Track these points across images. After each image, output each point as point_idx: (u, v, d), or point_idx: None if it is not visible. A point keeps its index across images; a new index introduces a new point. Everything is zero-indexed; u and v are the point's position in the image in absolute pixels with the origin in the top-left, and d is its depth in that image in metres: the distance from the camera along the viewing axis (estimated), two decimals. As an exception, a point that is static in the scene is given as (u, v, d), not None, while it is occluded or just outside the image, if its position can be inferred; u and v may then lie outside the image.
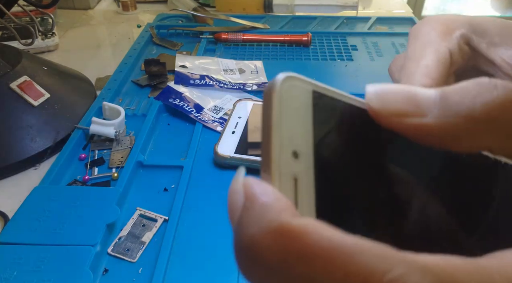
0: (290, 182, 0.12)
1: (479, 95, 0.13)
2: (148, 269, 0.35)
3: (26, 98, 0.49)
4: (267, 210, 0.11)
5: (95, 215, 0.37)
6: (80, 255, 0.34)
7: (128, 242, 0.37)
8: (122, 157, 0.46)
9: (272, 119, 0.12)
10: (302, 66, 0.66)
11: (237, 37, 0.73)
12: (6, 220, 0.39)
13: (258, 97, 0.57)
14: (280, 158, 0.12)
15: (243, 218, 0.11)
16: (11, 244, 0.35)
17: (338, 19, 0.83)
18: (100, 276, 0.34)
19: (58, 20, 0.85)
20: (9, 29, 0.55)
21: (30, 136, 0.47)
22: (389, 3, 0.97)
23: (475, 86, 0.13)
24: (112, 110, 0.52)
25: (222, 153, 0.45)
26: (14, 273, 0.33)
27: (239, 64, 0.65)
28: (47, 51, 0.73)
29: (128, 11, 0.90)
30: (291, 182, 0.12)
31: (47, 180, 0.42)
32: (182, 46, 0.72)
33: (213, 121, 0.52)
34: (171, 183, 0.43)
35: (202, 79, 0.59)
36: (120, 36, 0.80)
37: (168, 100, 0.54)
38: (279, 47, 0.72)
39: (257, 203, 0.11)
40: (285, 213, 0.10)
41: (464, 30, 0.23)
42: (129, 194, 0.42)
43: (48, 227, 0.36)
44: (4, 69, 0.50)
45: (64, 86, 0.56)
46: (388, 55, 0.70)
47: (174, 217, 0.39)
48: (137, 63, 0.66)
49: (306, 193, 0.12)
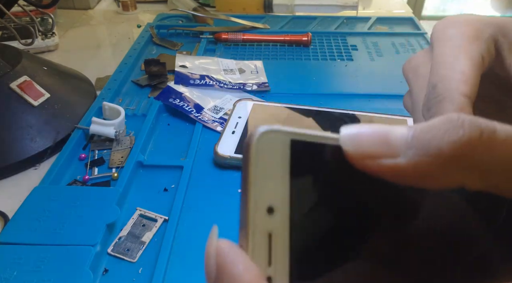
0: (264, 238, 0.12)
1: (447, 134, 0.13)
2: (148, 269, 0.35)
3: (26, 98, 0.49)
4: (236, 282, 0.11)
5: (95, 215, 0.37)
6: (80, 255, 0.34)
7: (128, 242, 0.37)
8: (122, 157, 0.46)
9: (249, 175, 0.13)
10: (302, 66, 0.66)
11: (237, 37, 0.73)
12: (6, 220, 0.39)
13: (258, 97, 0.57)
14: (255, 215, 0.12)
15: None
16: (11, 244, 0.35)
17: (338, 19, 0.83)
18: (100, 276, 0.34)
19: (58, 20, 0.85)
20: (9, 29, 0.55)
21: (30, 136, 0.47)
22: (389, 3, 0.97)
23: (444, 124, 0.13)
24: (112, 110, 0.52)
25: (222, 153, 0.45)
26: (14, 273, 0.33)
27: (239, 64, 0.65)
28: (47, 51, 0.73)
29: (128, 11, 0.90)
30: (265, 238, 0.12)
31: (47, 180, 0.42)
32: (182, 46, 0.72)
33: (213, 121, 0.52)
34: (171, 183, 0.43)
35: (202, 79, 0.59)
36: (120, 36, 0.80)
37: (168, 100, 0.54)
38: (279, 47, 0.72)
39: (227, 274, 0.12)
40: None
41: (492, 32, 0.22)
42: (129, 194, 0.42)
43: (48, 227, 0.36)
44: (4, 69, 0.50)
45: (64, 86, 0.56)
46: (388, 55, 0.70)
47: (174, 217, 0.39)
48: (137, 63, 0.66)
49: (281, 248, 0.12)
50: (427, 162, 0.13)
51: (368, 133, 0.14)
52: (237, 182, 0.43)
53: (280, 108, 0.52)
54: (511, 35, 0.22)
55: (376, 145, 0.13)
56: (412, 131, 0.13)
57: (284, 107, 0.52)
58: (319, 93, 0.59)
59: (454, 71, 0.20)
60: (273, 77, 0.62)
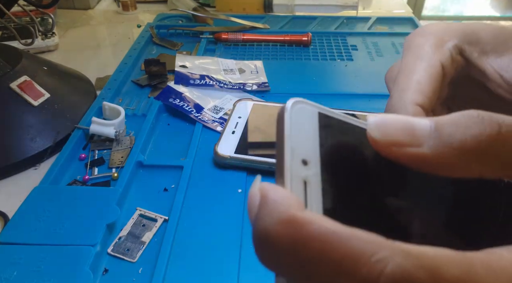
0: (301, 184, 0.14)
1: (469, 129, 0.14)
2: (148, 269, 0.35)
3: (26, 98, 0.49)
4: (278, 206, 0.12)
5: (95, 215, 0.37)
6: (80, 255, 0.34)
7: (128, 242, 0.37)
8: (122, 157, 0.46)
9: (284, 133, 0.14)
10: (302, 66, 0.66)
11: (237, 37, 0.73)
12: (6, 220, 0.39)
13: (258, 97, 0.57)
14: (292, 164, 0.14)
15: (259, 214, 0.13)
16: (11, 244, 0.35)
17: (338, 19, 0.83)
18: (100, 276, 0.34)
19: (58, 20, 0.85)
20: (9, 29, 0.55)
21: (30, 136, 0.47)
22: (389, 3, 0.97)
23: (464, 119, 0.14)
24: (112, 110, 0.52)
25: (222, 153, 0.45)
26: (14, 273, 0.33)
27: (239, 64, 0.65)
28: (47, 51, 0.73)
29: (128, 11, 0.90)
30: (301, 184, 0.14)
31: (47, 180, 0.42)
32: (182, 46, 0.72)
33: (213, 121, 0.52)
34: (171, 183, 0.43)
35: (202, 79, 0.59)
36: (120, 36, 0.80)
37: (168, 100, 0.54)
38: (279, 47, 0.72)
39: (270, 200, 0.13)
40: (293, 207, 0.12)
41: (457, 40, 0.23)
42: (129, 194, 0.42)
43: (48, 227, 0.36)
44: (4, 69, 0.50)
45: (64, 86, 0.56)
46: (388, 55, 0.70)
47: (174, 217, 0.39)
48: (137, 63, 0.66)
49: (315, 193, 0.14)
50: (449, 153, 0.14)
51: (394, 123, 0.15)
52: (237, 182, 0.43)
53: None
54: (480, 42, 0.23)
55: (402, 134, 0.15)
56: (433, 123, 0.14)
57: (284, 107, 0.52)
58: (319, 93, 0.59)
59: (411, 81, 0.22)
60: (273, 77, 0.62)
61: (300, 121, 0.15)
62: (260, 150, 0.45)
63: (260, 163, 0.44)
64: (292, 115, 0.15)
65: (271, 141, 0.47)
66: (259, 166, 0.44)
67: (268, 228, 0.12)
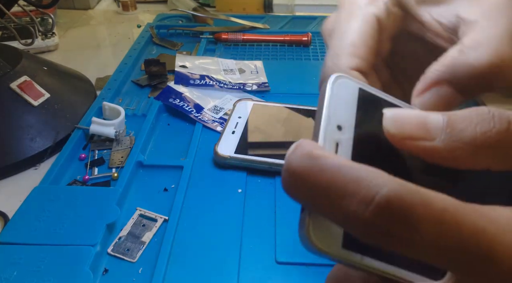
0: (333, 145, 0.16)
1: (479, 125, 0.15)
2: (148, 269, 0.35)
3: (26, 98, 0.49)
4: (303, 147, 0.14)
5: (95, 215, 0.37)
6: (80, 255, 0.34)
7: (128, 242, 0.37)
8: (122, 157, 0.46)
9: (325, 100, 0.16)
10: (302, 66, 0.66)
11: (237, 37, 0.73)
12: (6, 220, 0.39)
13: (258, 97, 0.57)
14: (327, 126, 0.16)
15: (289, 157, 0.15)
16: (11, 244, 0.35)
17: (338, 19, 0.83)
18: (100, 276, 0.34)
19: (58, 20, 0.85)
20: (9, 29, 0.55)
21: (30, 137, 0.47)
22: (389, 3, 0.97)
23: (476, 115, 0.15)
24: (112, 110, 0.52)
25: (222, 153, 0.45)
26: (14, 273, 0.33)
27: (239, 64, 0.65)
28: (47, 51, 0.73)
29: (128, 11, 0.90)
30: (333, 145, 0.16)
31: (47, 180, 0.42)
32: (182, 46, 0.72)
33: (213, 121, 0.52)
34: (171, 183, 0.43)
35: (202, 79, 0.59)
36: (120, 36, 0.80)
37: (168, 100, 0.54)
38: (279, 47, 0.72)
39: (300, 145, 0.15)
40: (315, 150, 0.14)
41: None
42: (129, 194, 0.42)
43: (48, 227, 0.36)
44: (4, 69, 0.50)
45: (64, 86, 0.56)
46: (388, 55, 0.70)
47: (174, 217, 0.39)
48: (137, 63, 0.66)
49: (345, 154, 0.16)
50: (461, 147, 0.15)
51: (409, 117, 0.16)
52: (237, 182, 0.43)
53: (280, 108, 0.52)
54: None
55: (415, 128, 0.16)
56: (446, 118, 0.15)
57: (284, 107, 0.52)
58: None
59: (344, 44, 0.21)
60: (273, 77, 0.62)
61: (341, 93, 0.17)
62: (260, 150, 0.46)
63: (260, 163, 0.44)
64: (334, 87, 0.17)
65: (271, 141, 0.47)
66: (259, 166, 0.44)
67: (291, 161, 0.14)
